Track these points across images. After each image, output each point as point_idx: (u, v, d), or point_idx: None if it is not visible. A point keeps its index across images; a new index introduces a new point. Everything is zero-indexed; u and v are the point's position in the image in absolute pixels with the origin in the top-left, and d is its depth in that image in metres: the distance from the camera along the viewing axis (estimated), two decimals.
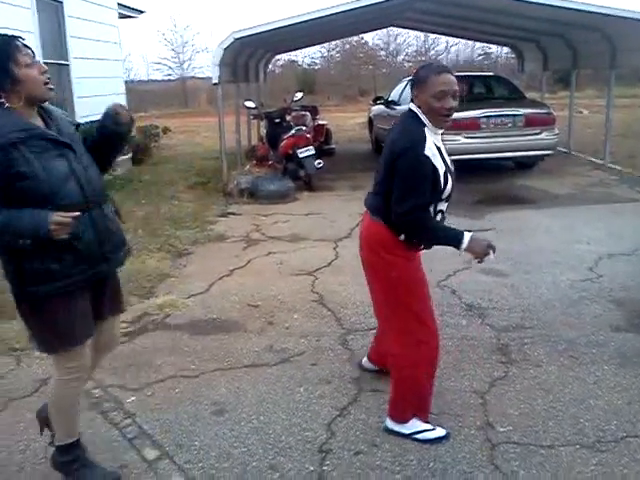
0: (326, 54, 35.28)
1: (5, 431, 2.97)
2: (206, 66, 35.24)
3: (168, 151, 13.33)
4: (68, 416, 2.51)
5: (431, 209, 2.56)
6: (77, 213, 2.15)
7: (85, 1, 9.79)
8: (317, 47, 31.16)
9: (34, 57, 2.20)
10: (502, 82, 11.24)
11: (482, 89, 11.21)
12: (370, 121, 13.21)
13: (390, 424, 2.86)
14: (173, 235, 6.48)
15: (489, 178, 9.23)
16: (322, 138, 11.00)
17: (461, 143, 8.92)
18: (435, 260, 5.29)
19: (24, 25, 7.72)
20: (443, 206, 2.61)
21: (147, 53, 63.27)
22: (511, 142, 8.92)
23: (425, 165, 2.44)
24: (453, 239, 2.53)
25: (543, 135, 9.01)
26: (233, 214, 7.64)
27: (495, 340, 3.80)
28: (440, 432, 2.80)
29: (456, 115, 9.21)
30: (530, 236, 6.11)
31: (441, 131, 2.58)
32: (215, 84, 8.48)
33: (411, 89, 2.57)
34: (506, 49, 22.87)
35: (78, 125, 2.49)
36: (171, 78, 36.69)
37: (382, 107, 11.90)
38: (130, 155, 10.85)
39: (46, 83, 2.22)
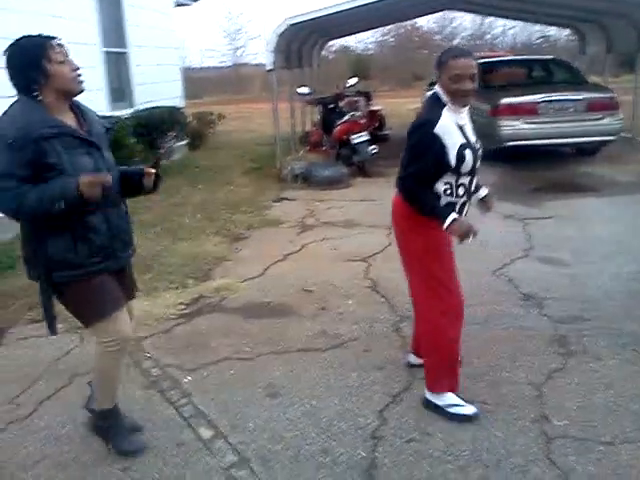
0: (380, 39, 34.94)
1: (70, 404, 3.09)
2: (260, 52, 35.48)
3: (223, 137, 13.50)
4: (109, 384, 2.67)
5: (452, 182, 2.70)
6: (107, 177, 2.32)
7: None
8: (371, 32, 30.86)
9: (67, 55, 2.36)
10: (562, 66, 10.86)
11: (541, 73, 10.89)
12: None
13: (428, 395, 2.95)
14: (229, 219, 6.59)
15: (548, 165, 8.98)
16: (376, 124, 10.92)
17: (519, 128, 8.71)
18: (491, 248, 5.23)
19: (86, 14, 7.94)
20: (465, 180, 2.74)
21: (201, 40, 63.96)
22: (572, 128, 8.64)
23: (431, 142, 2.61)
24: (438, 214, 2.68)
25: (606, 120, 8.68)
26: (287, 199, 7.70)
27: (553, 331, 3.71)
28: (470, 409, 2.86)
29: (513, 100, 9.03)
30: (591, 225, 5.92)
31: (465, 109, 2.74)
32: (269, 70, 8.52)
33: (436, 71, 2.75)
34: (566, 31, 22.04)
35: (108, 129, 2.61)
36: (225, 65, 37.11)
37: None
38: (186, 141, 11.04)
39: (76, 78, 2.38)
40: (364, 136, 8.86)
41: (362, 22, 13.45)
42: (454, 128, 2.66)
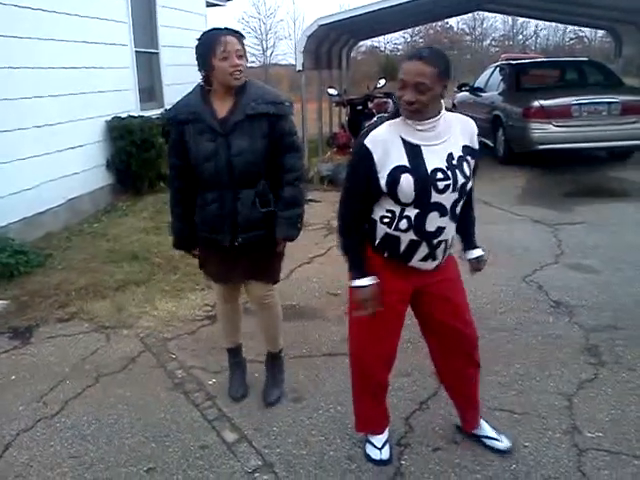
0: (409, 39, 34.79)
1: (96, 405, 3.11)
2: (289, 53, 35.58)
3: None
4: (220, 325, 3.28)
5: (396, 211, 2.25)
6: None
7: None
8: (400, 33, 30.74)
9: (236, 52, 2.61)
10: (596, 67, 10.66)
11: (574, 75, 10.70)
12: (454, 107, 12.93)
13: None
14: None
15: (579, 169, 8.82)
16: None
17: (550, 132, 8.57)
18: (520, 254, 5.15)
19: (118, 15, 8.01)
20: (411, 212, 2.22)
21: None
22: (606, 131, 8.46)
23: (363, 155, 2.19)
24: (351, 265, 2.36)
25: None
26: (314, 201, 7.66)
27: (584, 340, 3.63)
28: (378, 455, 2.64)
29: (545, 102, 8.85)
30: (623, 231, 5.79)
31: (428, 125, 2.18)
32: (299, 71, 8.52)
33: None
34: (601, 32, 21.67)
35: (252, 115, 2.66)
36: (254, 65, 37.28)
37: (467, 94, 11.61)
38: None
39: (233, 74, 2.61)
40: None
41: (392, 23, 13.38)
42: (394, 144, 2.18)
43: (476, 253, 2.58)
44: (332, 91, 10.03)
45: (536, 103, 8.62)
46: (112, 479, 2.56)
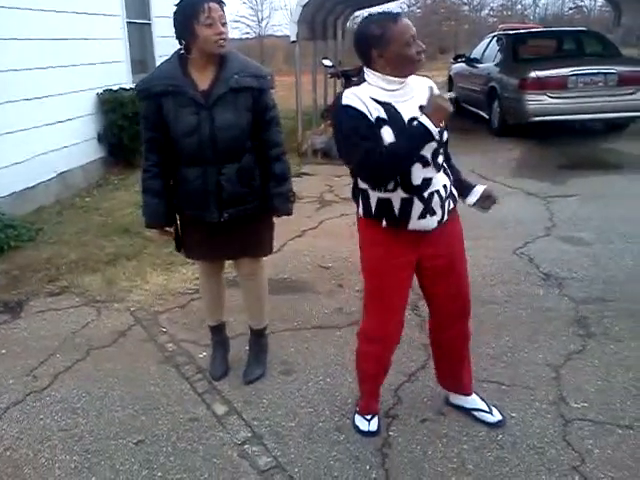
0: (406, 10, 34.28)
1: (86, 378, 3.13)
2: (284, 24, 35.09)
3: None
4: (204, 302, 3.22)
5: None
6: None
7: None
8: (397, 2, 30.23)
9: (219, 19, 2.50)
10: (594, 38, 10.55)
11: (572, 45, 10.59)
12: (450, 80, 12.81)
13: None
14: None
15: (574, 141, 8.77)
16: None
17: (545, 103, 8.50)
18: (512, 226, 5.14)
19: None
20: None
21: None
22: (602, 102, 8.40)
23: (347, 115, 2.18)
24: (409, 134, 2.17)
25: (638, 95, 8.42)
26: (307, 174, 7.63)
27: (573, 312, 3.64)
28: (366, 427, 2.66)
29: (542, 73, 8.77)
30: (615, 203, 5.78)
31: (400, 84, 2.21)
32: (293, 42, 8.41)
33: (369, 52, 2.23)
34: (600, 1, 21.36)
35: (237, 89, 2.59)
36: (249, 37, 36.82)
37: (463, 65, 11.49)
38: None
39: (218, 42, 2.51)
40: None
41: None
42: (370, 102, 2.19)
43: (475, 193, 2.45)
44: (327, 62, 9.90)
45: (532, 74, 8.54)
46: (102, 451, 2.58)
